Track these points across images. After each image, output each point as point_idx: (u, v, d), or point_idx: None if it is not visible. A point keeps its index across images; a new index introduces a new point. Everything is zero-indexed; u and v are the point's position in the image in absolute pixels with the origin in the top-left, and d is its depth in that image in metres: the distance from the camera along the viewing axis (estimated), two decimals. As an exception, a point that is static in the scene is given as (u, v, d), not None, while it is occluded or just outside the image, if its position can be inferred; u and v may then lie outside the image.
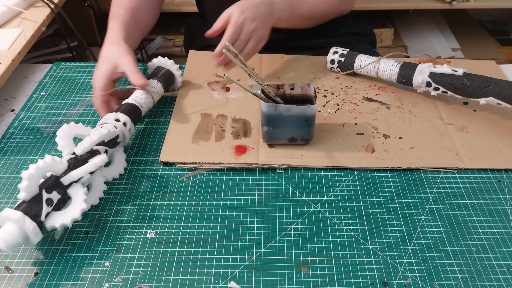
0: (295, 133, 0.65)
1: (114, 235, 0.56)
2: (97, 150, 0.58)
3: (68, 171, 0.54)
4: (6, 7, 0.91)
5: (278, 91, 0.66)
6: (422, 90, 0.74)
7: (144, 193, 0.61)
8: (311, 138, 0.66)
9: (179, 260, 0.53)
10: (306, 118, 0.63)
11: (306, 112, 0.62)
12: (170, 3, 1.54)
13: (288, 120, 0.63)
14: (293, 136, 0.65)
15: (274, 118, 0.63)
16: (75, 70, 0.85)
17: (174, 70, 0.76)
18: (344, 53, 0.79)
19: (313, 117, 0.63)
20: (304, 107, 0.62)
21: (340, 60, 0.79)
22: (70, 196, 0.54)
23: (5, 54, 0.81)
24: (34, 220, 0.50)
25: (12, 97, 0.79)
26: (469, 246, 0.55)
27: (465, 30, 1.77)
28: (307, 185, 0.62)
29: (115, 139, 0.61)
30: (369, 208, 0.59)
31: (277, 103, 0.64)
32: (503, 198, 0.61)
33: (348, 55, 0.79)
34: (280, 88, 0.66)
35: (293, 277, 0.51)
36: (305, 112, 0.62)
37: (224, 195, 0.61)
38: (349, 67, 0.78)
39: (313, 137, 0.66)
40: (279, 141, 0.66)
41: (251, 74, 0.63)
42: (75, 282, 0.51)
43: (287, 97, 0.66)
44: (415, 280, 0.51)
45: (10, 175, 0.64)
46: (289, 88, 0.66)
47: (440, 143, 0.68)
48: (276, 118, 0.63)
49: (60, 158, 0.54)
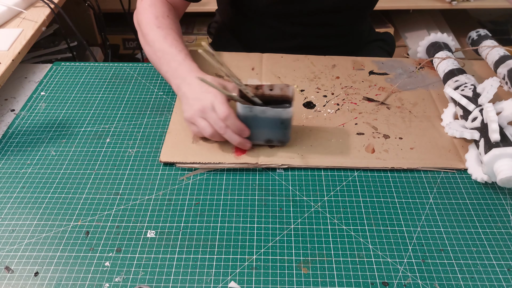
0: (271, 135, 0.64)
1: (114, 235, 0.56)
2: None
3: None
4: (6, 7, 0.91)
5: (257, 91, 0.65)
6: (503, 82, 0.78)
7: (144, 193, 0.61)
8: (288, 140, 0.66)
9: (179, 260, 0.53)
10: (282, 120, 0.62)
11: (282, 115, 0.62)
12: (170, 3, 1.53)
13: (263, 122, 0.62)
14: (270, 138, 0.65)
15: (250, 119, 0.63)
16: (75, 70, 0.85)
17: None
18: (481, 35, 0.86)
19: (288, 120, 0.63)
20: (279, 110, 0.61)
21: (474, 38, 0.87)
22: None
23: (5, 54, 0.81)
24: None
25: (12, 97, 0.79)
26: (469, 246, 0.55)
27: (465, 30, 1.77)
28: (307, 185, 0.62)
29: None
30: (369, 208, 0.59)
31: (256, 103, 0.64)
32: (503, 198, 0.61)
33: (481, 37, 0.86)
34: (259, 88, 0.65)
35: (293, 277, 0.51)
36: (280, 115, 0.62)
37: (224, 195, 0.61)
38: (475, 45, 0.86)
39: (289, 139, 0.66)
40: (256, 142, 0.66)
41: (228, 74, 0.62)
42: (75, 282, 0.51)
43: (266, 97, 0.66)
44: (415, 280, 0.51)
45: (10, 175, 0.64)
46: (268, 89, 0.65)
47: (440, 143, 0.68)
48: (251, 120, 0.63)
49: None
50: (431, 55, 0.83)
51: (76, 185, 0.62)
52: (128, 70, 0.84)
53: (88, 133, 0.70)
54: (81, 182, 0.62)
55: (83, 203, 0.60)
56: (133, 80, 0.82)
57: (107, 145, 0.68)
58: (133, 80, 0.82)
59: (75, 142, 0.69)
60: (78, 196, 0.61)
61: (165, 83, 0.81)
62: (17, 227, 0.57)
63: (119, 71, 0.84)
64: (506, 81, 0.76)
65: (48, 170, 0.64)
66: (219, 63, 0.62)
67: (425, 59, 0.85)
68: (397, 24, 1.77)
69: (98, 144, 0.68)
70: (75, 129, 0.71)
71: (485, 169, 0.59)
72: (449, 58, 0.78)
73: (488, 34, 0.85)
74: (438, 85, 0.80)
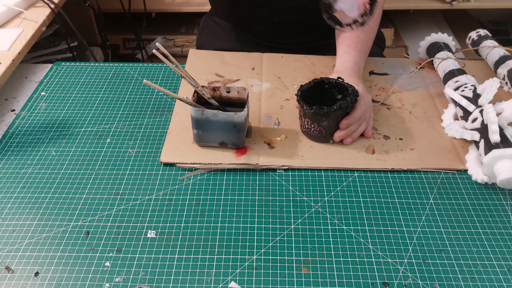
0: (224, 137, 0.64)
1: (114, 235, 0.56)
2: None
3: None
4: (6, 7, 0.91)
5: (214, 93, 0.66)
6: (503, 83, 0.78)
7: (144, 193, 0.61)
8: (242, 143, 0.66)
9: (179, 260, 0.53)
10: (234, 124, 0.63)
11: (234, 119, 0.62)
12: (170, 3, 1.54)
13: (216, 125, 0.63)
14: (223, 141, 0.65)
15: (202, 122, 0.63)
16: (75, 70, 0.85)
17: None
18: (481, 35, 0.86)
19: (241, 124, 0.63)
20: (231, 114, 0.62)
21: (474, 38, 0.87)
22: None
23: (5, 54, 0.81)
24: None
25: (13, 97, 0.79)
26: (469, 246, 0.55)
27: (465, 30, 1.77)
28: (308, 185, 0.62)
29: None
30: (370, 208, 0.59)
31: (211, 105, 0.65)
32: (503, 198, 0.61)
33: (481, 37, 0.86)
34: (216, 90, 0.66)
35: (293, 277, 0.51)
36: (232, 118, 0.62)
37: (225, 195, 0.61)
38: (476, 45, 0.86)
39: (244, 142, 0.66)
40: (210, 144, 0.66)
41: (184, 75, 0.63)
42: (75, 282, 0.51)
43: (224, 99, 0.67)
44: (416, 280, 0.51)
45: (10, 175, 0.64)
46: (225, 91, 0.66)
47: (441, 144, 0.68)
48: (204, 122, 0.63)
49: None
50: (431, 55, 0.83)
51: (76, 185, 0.62)
52: (128, 70, 0.84)
53: (88, 133, 0.70)
54: (81, 182, 0.62)
55: (83, 203, 0.60)
56: (133, 80, 0.82)
57: (107, 145, 0.68)
58: (133, 80, 0.82)
59: (75, 142, 0.69)
60: (78, 196, 0.61)
61: (165, 83, 0.81)
62: (17, 227, 0.57)
63: (119, 71, 0.84)
64: (506, 82, 0.76)
65: (48, 170, 0.64)
66: (173, 64, 0.62)
67: (425, 59, 0.85)
68: (397, 24, 1.77)
69: (98, 144, 0.68)
70: (75, 129, 0.71)
71: (485, 170, 0.59)
72: (449, 58, 0.78)
73: (488, 34, 0.85)
74: (438, 86, 0.80)
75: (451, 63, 0.77)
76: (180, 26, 1.69)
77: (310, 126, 0.66)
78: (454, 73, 0.74)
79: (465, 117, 0.67)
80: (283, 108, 0.74)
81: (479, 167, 0.61)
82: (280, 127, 0.70)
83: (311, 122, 0.65)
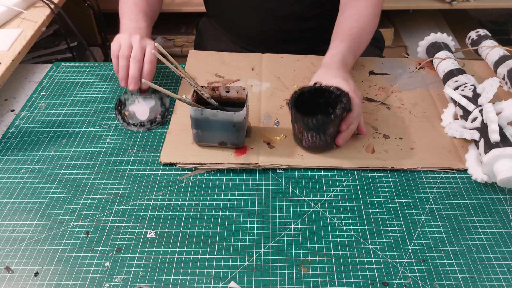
0: (224, 137, 0.64)
1: (114, 235, 0.56)
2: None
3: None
4: (6, 7, 0.91)
5: (213, 93, 0.66)
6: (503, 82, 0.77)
7: (144, 193, 0.61)
8: (242, 143, 0.65)
9: (179, 260, 0.53)
10: (234, 124, 0.62)
11: (233, 118, 0.62)
12: (170, 3, 1.53)
13: (215, 125, 0.63)
14: (223, 140, 0.65)
15: (202, 122, 0.63)
16: (75, 70, 0.85)
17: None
18: (481, 35, 0.86)
19: (240, 123, 0.63)
20: (230, 113, 0.62)
21: (473, 38, 0.87)
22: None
23: (5, 54, 0.81)
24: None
25: (12, 97, 0.79)
26: (469, 246, 0.55)
27: (465, 30, 1.77)
28: (307, 185, 0.62)
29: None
30: (369, 208, 0.59)
31: (211, 105, 0.65)
32: (503, 198, 0.61)
33: (481, 37, 0.86)
34: (215, 90, 0.66)
35: (293, 277, 0.51)
36: (231, 118, 0.62)
37: (224, 195, 0.61)
38: (475, 45, 0.86)
39: (243, 142, 0.66)
40: (209, 144, 0.66)
41: (183, 75, 0.63)
42: (75, 282, 0.51)
43: (223, 99, 0.67)
44: (415, 280, 0.51)
45: (10, 175, 0.64)
46: (224, 91, 0.66)
47: (440, 143, 0.68)
48: (203, 122, 0.63)
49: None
50: (431, 55, 0.83)
51: (76, 185, 0.62)
52: (128, 70, 0.84)
53: (88, 133, 0.70)
54: (81, 182, 0.62)
55: (83, 203, 0.60)
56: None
57: (107, 145, 0.68)
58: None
59: (75, 142, 0.69)
60: (78, 196, 0.61)
61: (164, 83, 0.81)
62: (17, 227, 0.57)
63: (119, 71, 0.84)
64: (506, 81, 0.76)
65: (48, 170, 0.64)
66: (172, 64, 0.62)
67: (425, 59, 0.85)
68: (397, 24, 1.77)
69: (98, 144, 0.68)
70: (75, 129, 0.71)
71: (485, 169, 0.59)
72: (449, 58, 0.78)
73: (488, 34, 0.85)
74: (438, 85, 0.80)
75: (451, 62, 0.77)
76: (180, 26, 1.69)
77: (315, 138, 0.63)
78: (454, 72, 0.74)
79: (465, 116, 0.67)
80: (283, 108, 0.74)
81: (479, 166, 0.61)
82: (279, 127, 0.70)
83: (316, 133, 0.63)
